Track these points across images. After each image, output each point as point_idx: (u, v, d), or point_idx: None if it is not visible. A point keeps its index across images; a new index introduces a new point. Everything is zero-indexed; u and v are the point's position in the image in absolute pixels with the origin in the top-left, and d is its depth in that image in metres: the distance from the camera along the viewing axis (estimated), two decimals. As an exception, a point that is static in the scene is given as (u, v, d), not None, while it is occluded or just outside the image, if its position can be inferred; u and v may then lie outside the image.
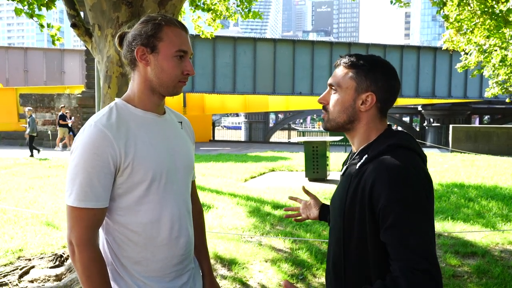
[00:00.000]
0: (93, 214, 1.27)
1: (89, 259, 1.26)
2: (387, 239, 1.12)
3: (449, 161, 12.25)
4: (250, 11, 7.86)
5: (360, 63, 1.27)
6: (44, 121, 18.36)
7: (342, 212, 1.26)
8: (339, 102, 1.29)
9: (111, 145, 1.26)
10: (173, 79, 1.34)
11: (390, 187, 1.12)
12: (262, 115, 37.65)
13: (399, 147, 1.21)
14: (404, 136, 1.27)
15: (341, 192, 1.30)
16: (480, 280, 3.72)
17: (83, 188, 1.24)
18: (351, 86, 1.27)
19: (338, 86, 1.29)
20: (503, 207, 6.31)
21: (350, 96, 1.27)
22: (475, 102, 29.38)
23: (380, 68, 1.27)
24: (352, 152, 1.38)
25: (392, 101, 1.31)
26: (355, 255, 1.24)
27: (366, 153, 1.26)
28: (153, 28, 1.31)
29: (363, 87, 1.26)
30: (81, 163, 1.25)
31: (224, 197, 6.90)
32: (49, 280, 3.53)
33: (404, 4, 7.57)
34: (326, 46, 21.09)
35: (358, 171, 1.23)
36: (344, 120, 1.29)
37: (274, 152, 15.19)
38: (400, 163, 1.15)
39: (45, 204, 6.34)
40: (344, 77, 1.28)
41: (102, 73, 3.16)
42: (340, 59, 1.32)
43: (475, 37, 8.21)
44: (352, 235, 1.23)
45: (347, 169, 1.33)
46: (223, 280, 3.64)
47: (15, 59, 28.11)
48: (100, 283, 1.27)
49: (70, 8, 3.53)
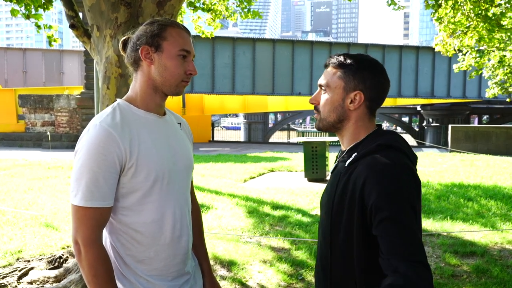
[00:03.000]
0: (100, 213, 1.28)
1: (96, 258, 1.27)
2: (381, 232, 1.12)
3: (448, 161, 12.26)
4: (249, 10, 7.86)
5: (347, 63, 1.29)
6: (43, 122, 18.34)
7: (329, 209, 1.28)
8: (328, 101, 1.31)
9: (117, 145, 1.27)
10: (176, 77, 1.36)
11: (382, 184, 1.14)
12: (261, 115, 37.64)
13: (388, 147, 1.23)
14: (393, 136, 1.29)
15: (329, 189, 1.33)
16: (479, 279, 3.72)
17: (89, 188, 1.25)
18: (340, 85, 1.29)
19: (327, 86, 1.31)
20: (502, 206, 6.32)
21: (339, 95, 1.29)
22: (474, 102, 29.40)
23: (368, 67, 1.29)
24: (341, 150, 1.40)
25: (381, 99, 1.33)
26: (340, 252, 1.25)
27: (355, 152, 1.27)
28: (158, 28, 1.35)
29: (351, 86, 1.28)
30: (87, 162, 1.26)
31: (223, 198, 6.90)
32: (48, 282, 3.53)
33: (399, 7, 7.61)
34: (325, 46, 21.11)
35: (347, 169, 1.25)
36: (334, 119, 1.31)
37: (273, 153, 15.19)
38: (390, 162, 1.18)
39: (44, 205, 6.33)
40: (332, 77, 1.30)
41: (101, 74, 3.16)
42: (329, 59, 1.34)
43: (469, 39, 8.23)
44: (339, 232, 1.24)
45: (336, 167, 1.35)
46: (222, 281, 3.64)
47: (14, 60, 28.06)
48: (107, 282, 1.28)
49: (69, 9, 3.53)
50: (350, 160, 1.26)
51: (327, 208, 1.30)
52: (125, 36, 1.44)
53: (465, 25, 7.79)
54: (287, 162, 11.92)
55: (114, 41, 3.02)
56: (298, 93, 20.65)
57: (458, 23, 7.82)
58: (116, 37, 3.00)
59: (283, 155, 14.02)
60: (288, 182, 8.87)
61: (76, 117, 17.85)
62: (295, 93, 20.67)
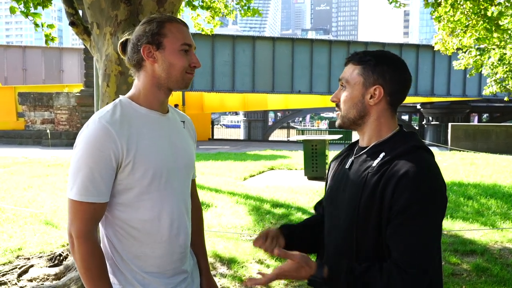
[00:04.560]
0: (94, 208, 1.29)
1: (88, 252, 1.29)
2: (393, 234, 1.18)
3: (448, 160, 12.26)
4: (249, 8, 7.83)
5: (366, 58, 1.30)
6: (42, 119, 18.33)
7: (355, 208, 1.25)
8: (348, 98, 1.32)
9: (113, 141, 1.28)
10: (181, 71, 1.38)
11: (414, 189, 1.16)
12: (261, 113, 37.61)
13: (421, 148, 1.25)
14: (418, 137, 1.31)
15: (351, 188, 1.29)
16: (479, 278, 3.72)
17: (84, 183, 1.27)
18: (359, 81, 1.30)
19: (347, 82, 1.32)
20: (502, 205, 6.32)
21: (359, 91, 1.30)
22: (474, 101, 29.37)
23: (387, 61, 1.30)
24: (358, 146, 1.37)
25: (403, 94, 1.33)
26: (366, 252, 1.25)
27: (380, 150, 1.27)
28: (156, 25, 1.35)
29: (370, 81, 1.29)
30: (84, 158, 1.27)
31: (223, 196, 6.90)
32: (48, 279, 3.53)
33: (400, 4, 7.56)
34: (325, 44, 21.06)
35: (379, 169, 1.23)
36: (354, 115, 1.31)
37: (273, 151, 15.18)
38: (426, 167, 1.20)
39: (44, 203, 6.33)
40: (352, 73, 1.31)
41: (100, 72, 3.15)
42: (349, 57, 1.35)
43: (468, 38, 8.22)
44: (367, 232, 1.23)
45: (353, 163, 1.33)
46: (222, 279, 3.64)
47: (13, 58, 28.00)
48: (99, 276, 1.29)
49: (69, 7, 3.52)
50: (382, 161, 1.24)
51: (350, 207, 1.27)
52: (123, 38, 1.44)
53: (464, 24, 7.77)
54: (287, 160, 11.91)
55: (114, 39, 3.01)
56: (298, 91, 20.63)
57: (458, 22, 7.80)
58: (116, 35, 2.99)
59: (283, 153, 14.01)
60: (288, 180, 8.86)
61: (75, 115, 17.84)
62: (295, 91, 20.65)
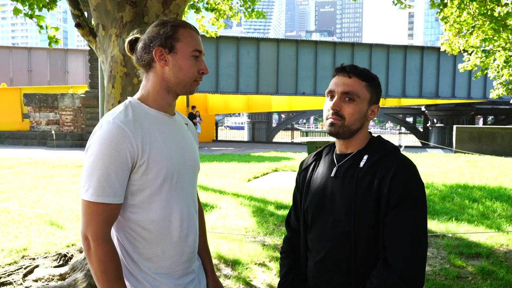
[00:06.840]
0: (110, 209, 1.29)
1: (105, 254, 1.28)
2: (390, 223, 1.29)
3: (453, 162, 12.20)
4: (253, 10, 7.85)
5: (372, 77, 1.42)
6: (47, 120, 18.42)
7: (350, 208, 1.34)
8: (357, 111, 1.39)
9: (129, 141, 1.28)
10: (190, 77, 1.39)
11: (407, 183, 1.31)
12: (265, 115, 37.62)
13: (396, 150, 1.40)
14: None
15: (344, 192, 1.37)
16: (484, 281, 3.70)
17: (101, 183, 1.26)
18: (367, 97, 1.40)
19: (357, 96, 1.38)
20: (508, 208, 6.28)
21: (365, 106, 1.41)
22: (479, 103, 29.25)
23: (378, 82, 1.45)
24: (334, 154, 1.47)
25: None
26: (366, 251, 1.34)
27: (363, 154, 1.39)
28: (171, 29, 1.37)
29: (373, 99, 1.43)
30: (100, 158, 1.26)
31: (227, 197, 6.90)
32: (53, 280, 3.54)
33: (405, 6, 7.54)
34: (330, 46, 21.03)
35: (368, 170, 1.35)
36: (357, 127, 1.41)
37: (277, 152, 15.17)
38: (410, 163, 1.36)
39: (49, 203, 6.35)
40: (362, 88, 1.39)
41: (106, 73, 3.16)
42: (349, 69, 1.39)
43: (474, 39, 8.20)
44: (364, 226, 1.33)
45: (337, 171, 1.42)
46: (226, 280, 3.64)
47: (19, 59, 28.18)
48: (115, 278, 1.29)
49: (75, 8, 3.54)
50: (370, 162, 1.36)
51: (344, 207, 1.35)
52: (131, 36, 1.45)
53: (471, 25, 7.75)
54: (291, 162, 11.90)
55: (120, 40, 3.02)
56: (302, 93, 20.61)
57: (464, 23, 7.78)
58: (122, 36, 3.01)
59: (287, 155, 14.00)
60: (292, 182, 8.81)
61: (80, 116, 17.91)
62: (299, 93, 20.63)
